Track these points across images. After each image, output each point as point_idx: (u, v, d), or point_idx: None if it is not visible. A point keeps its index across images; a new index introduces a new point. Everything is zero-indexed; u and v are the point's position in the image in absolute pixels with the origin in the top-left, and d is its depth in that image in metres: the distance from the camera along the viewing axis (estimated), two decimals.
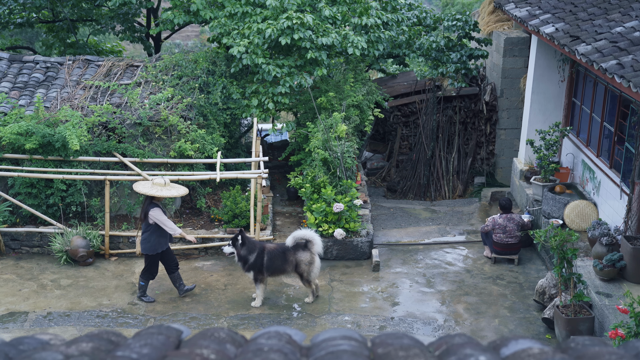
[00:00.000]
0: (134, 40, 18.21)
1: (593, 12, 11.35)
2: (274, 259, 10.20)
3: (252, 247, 10.20)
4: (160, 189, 10.19)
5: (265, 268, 10.19)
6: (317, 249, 10.24)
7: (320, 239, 10.38)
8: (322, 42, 12.88)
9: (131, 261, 11.85)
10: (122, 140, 12.36)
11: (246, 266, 10.20)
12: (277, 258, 10.21)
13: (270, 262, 10.18)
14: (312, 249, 10.23)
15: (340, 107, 13.35)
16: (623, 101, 10.97)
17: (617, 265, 9.55)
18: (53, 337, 2.28)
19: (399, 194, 16.52)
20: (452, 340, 2.20)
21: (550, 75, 13.62)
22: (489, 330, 9.79)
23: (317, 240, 10.24)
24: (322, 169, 12.39)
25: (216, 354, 2.08)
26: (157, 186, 10.23)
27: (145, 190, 10.15)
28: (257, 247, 10.23)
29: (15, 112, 11.96)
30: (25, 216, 12.18)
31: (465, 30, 16.37)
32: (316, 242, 10.21)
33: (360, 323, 9.93)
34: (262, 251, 10.21)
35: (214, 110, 13.11)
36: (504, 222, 11.70)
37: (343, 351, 2.09)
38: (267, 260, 10.17)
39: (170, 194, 10.25)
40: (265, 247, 10.31)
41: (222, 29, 13.45)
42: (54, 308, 10.26)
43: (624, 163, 10.85)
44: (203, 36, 36.70)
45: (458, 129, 16.56)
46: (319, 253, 10.31)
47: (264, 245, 10.34)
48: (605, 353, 2.02)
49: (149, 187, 10.23)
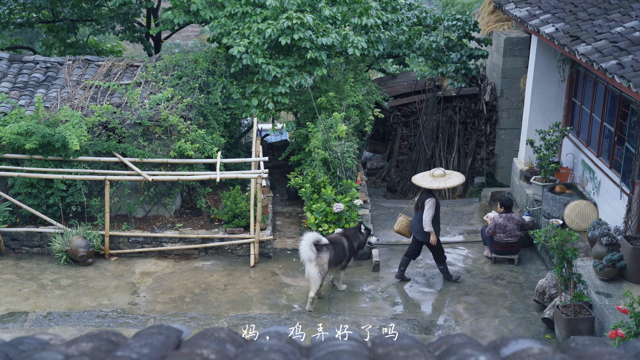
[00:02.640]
0: (134, 40, 18.21)
1: (593, 12, 11.35)
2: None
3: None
4: (439, 180, 10.79)
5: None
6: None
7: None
8: (322, 42, 12.88)
9: (131, 261, 11.85)
10: (122, 140, 12.36)
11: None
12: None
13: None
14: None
15: (340, 107, 13.35)
16: (623, 101, 10.97)
17: (617, 265, 9.55)
18: (53, 337, 2.28)
19: (399, 194, 16.52)
20: (452, 340, 2.20)
21: (550, 75, 13.62)
22: (489, 330, 9.79)
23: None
24: (322, 169, 12.39)
25: (216, 354, 2.08)
26: (437, 178, 10.82)
27: (425, 183, 10.80)
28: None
29: (15, 112, 11.96)
30: (25, 216, 12.18)
31: (465, 30, 16.37)
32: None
33: (360, 323, 9.93)
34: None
35: (214, 110, 13.11)
36: (504, 221, 11.71)
37: (343, 351, 2.09)
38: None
39: (448, 184, 10.79)
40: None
41: (222, 29, 13.45)
42: (54, 308, 10.26)
43: (624, 163, 10.85)
44: (203, 36, 36.70)
45: (458, 129, 16.56)
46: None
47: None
48: (605, 353, 2.02)
49: (429, 180, 10.84)
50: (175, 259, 11.93)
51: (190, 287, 10.95)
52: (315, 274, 10.04)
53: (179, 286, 10.98)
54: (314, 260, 10.01)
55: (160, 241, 12.09)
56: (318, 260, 10.03)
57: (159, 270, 11.53)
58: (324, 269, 10.10)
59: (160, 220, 12.59)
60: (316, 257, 10.00)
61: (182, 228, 12.33)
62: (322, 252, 10.08)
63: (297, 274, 11.51)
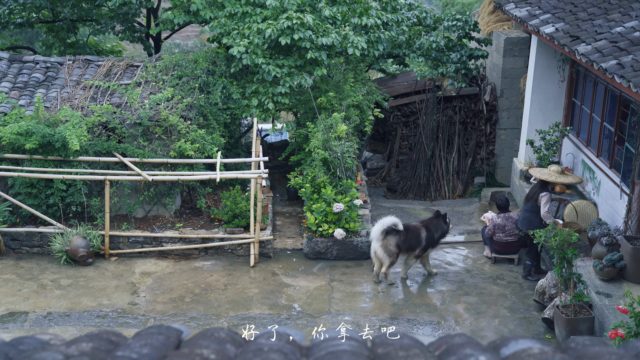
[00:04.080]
0: (134, 40, 18.21)
1: (593, 12, 11.35)
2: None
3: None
4: (556, 175, 11.16)
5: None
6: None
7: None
8: (322, 42, 12.88)
9: (131, 261, 11.86)
10: (122, 140, 12.36)
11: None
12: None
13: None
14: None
15: (340, 107, 13.35)
16: (623, 101, 10.97)
17: (617, 265, 9.56)
18: (53, 337, 2.28)
19: (399, 194, 16.52)
20: (452, 340, 2.20)
21: (550, 75, 13.63)
22: (489, 330, 9.79)
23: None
24: (322, 169, 12.39)
25: (216, 354, 2.08)
26: (554, 173, 11.20)
27: (541, 175, 11.24)
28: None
29: (15, 112, 11.96)
30: (25, 216, 12.18)
31: (465, 30, 16.37)
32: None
33: (360, 323, 9.93)
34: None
35: (214, 110, 13.11)
36: (502, 221, 11.72)
37: (343, 351, 2.09)
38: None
39: (563, 180, 11.21)
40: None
41: (222, 29, 13.45)
42: (54, 308, 10.26)
43: (624, 163, 10.85)
44: (203, 36, 36.70)
45: (458, 129, 16.56)
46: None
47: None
48: (605, 353, 2.02)
49: (546, 173, 11.28)
50: (175, 259, 11.93)
51: (190, 287, 10.95)
52: (381, 253, 10.94)
53: (179, 286, 10.98)
54: (380, 242, 10.87)
55: (160, 241, 12.09)
56: (384, 242, 10.88)
57: (159, 270, 11.53)
58: (390, 250, 10.90)
59: (160, 220, 12.60)
60: (382, 239, 10.86)
61: (182, 228, 12.33)
62: (389, 235, 10.88)
63: (297, 274, 11.51)
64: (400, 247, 10.97)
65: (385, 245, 10.89)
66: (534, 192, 11.16)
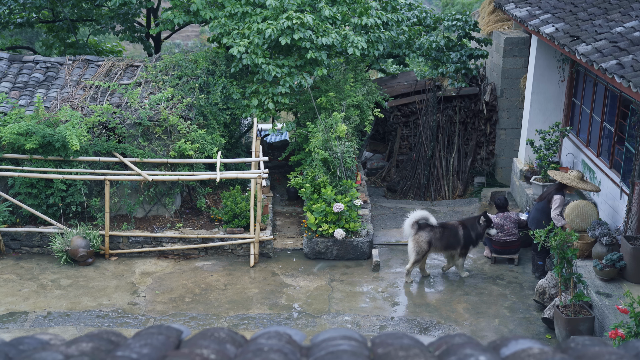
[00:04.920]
0: (134, 40, 18.20)
1: (593, 12, 11.35)
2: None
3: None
4: (577, 181, 11.16)
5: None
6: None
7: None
8: (322, 42, 12.88)
9: (131, 261, 11.86)
10: (122, 140, 12.36)
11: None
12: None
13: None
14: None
15: (340, 107, 13.35)
16: (623, 101, 10.97)
17: (617, 265, 9.56)
18: (53, 337, 2.28)
19: (399, 194, 16.52)
20: (452, 340, 2.20)
21: (550, 75, 13.62)
22: (489, 330, 9.79)
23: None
24: (322, 169, 12.39)
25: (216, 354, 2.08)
26: (575, 179, 11.20)
27: (562, 179, 11.19)
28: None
29: (15, 112, 11.96)
30: (25, 216, 12.18)
31: (465, 30, 16.37)
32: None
33: (360, 323, 9.94)
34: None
35: (214, 110, 13.11)
36: (501, 220, 11.72)
37: (343, 351, 2.09)
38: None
39: (583, 187, 11.18)
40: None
41: (222, 29, 13.45)
42: (54, 308, 10.26)
43: (624, 163, 10.85)
44: (203, 36, 36.68)
45: (458, 129, 16.56)
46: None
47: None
48: (605, 353, 2.02)
49: (567, 177, 11.25)
50: (175, 259, 11.94)
51: (190, 287, 10.95)
52: (410, 248, 10.94)
53: (179, 286, 10.99)
54: (412, 237, 10.91)
55: (160, 241, 12.09)
56: (415, 237, 10.90)
57: (159, 270, 11.54)
58: (421, 247, 10.89)
59: (160, 220, 12.60)
60: (414, 234, 10.90)
61: (182, 228, 12.34)
62: (422, 231, 10.90)
63: (297, 274, 11.51)
64: (431, 244, 10.92)
65: (417, 241, 10.89)
66: (548, 193, 11.19)
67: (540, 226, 10.86)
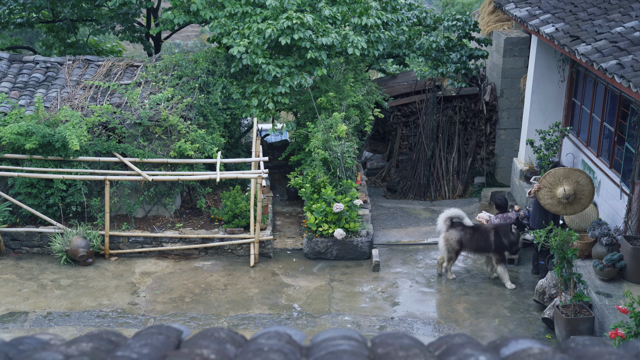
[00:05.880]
0: (134, 40, 18.20)
1: (593, 12, 11.35)
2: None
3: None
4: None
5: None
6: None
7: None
8: (322, 42, 12.88)
9: (131, 261, 11.85)
10: (122, 140, 12.36)
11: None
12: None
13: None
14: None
15: (340, 107, 13.35)
16: (623, 101, 10.97)
17: (617, 265, 9.56)
18: (53, 337, 2.28)
19: (399, 194, 16.52)
20: (452, 340, 2.20)
21: (550, 75, 13.62)
22: (489, 330, 9.79)
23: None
24: (322, 169, 12.39)
25: (216, 354, 2.08)
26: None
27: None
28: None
29: (15, 112, 11.96)
30: (25, 216, 12.18)
31: (465, 30, 16.37)
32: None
33: (360, 323, 9.94)
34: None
35: (214, 110, 13.11)
36: (500, 221, 11.72)
37: (343, 351, 2.09)
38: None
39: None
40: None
41: (222, 29, 13.45)
42: (54, 308, 10.26)
43: (624, 163, 10.85)
44: (203, 36, 36.68)
45: (458, 129, 16.56)
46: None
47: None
48: (605, 353, 2.02)
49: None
50: (175, 259, 11.94)
51: (190, 287, 10.95)
52: (441, 245, 11.10)
53: (179, 286, 10.99)
54: (443, 233, 11.06)
55: (160, 241, 12.09)
56: (446, 235, 11.03)
57: (159, 270, 11.54)
58: (452, 245, 11.00)
59: (160, 220, 12.60)
60: (446, 231, 11.03)
61: (182, 228, 12.34)
62: (453, 229, 11.00)
63: (297, 274, 11.51)
64: (462, 244, 10.96)
65: (447, 239, 11.00)
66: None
67: (534, 222, 10.95)
